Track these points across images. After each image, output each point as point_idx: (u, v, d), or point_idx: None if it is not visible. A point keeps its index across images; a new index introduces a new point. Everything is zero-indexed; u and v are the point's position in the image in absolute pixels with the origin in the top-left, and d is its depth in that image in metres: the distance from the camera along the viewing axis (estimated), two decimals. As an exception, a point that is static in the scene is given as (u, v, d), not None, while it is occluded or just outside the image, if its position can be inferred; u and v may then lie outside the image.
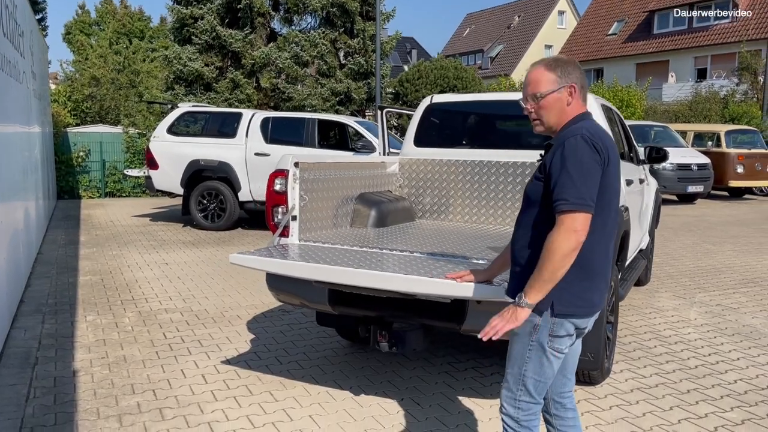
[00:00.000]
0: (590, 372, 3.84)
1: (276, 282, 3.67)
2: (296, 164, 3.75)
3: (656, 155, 5.95)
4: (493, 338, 2.21)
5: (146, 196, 15.23)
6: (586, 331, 2.37)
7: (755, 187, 17.32)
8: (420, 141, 5.11)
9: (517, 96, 5.35)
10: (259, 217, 11.37)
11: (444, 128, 5.25)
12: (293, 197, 3.74)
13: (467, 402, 3.74)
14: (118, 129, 15.63)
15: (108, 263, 7.52)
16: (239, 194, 9.91)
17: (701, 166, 15.01)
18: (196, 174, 10.07)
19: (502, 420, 2.39)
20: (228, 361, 4.36)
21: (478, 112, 5.24)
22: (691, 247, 9.25)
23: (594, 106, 4.64)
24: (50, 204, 11.74)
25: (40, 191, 9.16)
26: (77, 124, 17.07)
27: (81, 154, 14.70)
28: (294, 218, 3.76)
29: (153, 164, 10.24)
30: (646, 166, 6.40)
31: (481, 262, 3.28)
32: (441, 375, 4.15)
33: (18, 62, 6.69)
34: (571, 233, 2.08)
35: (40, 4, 29.65)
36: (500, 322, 2.21)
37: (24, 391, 3.79)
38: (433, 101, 5.16)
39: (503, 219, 4.76)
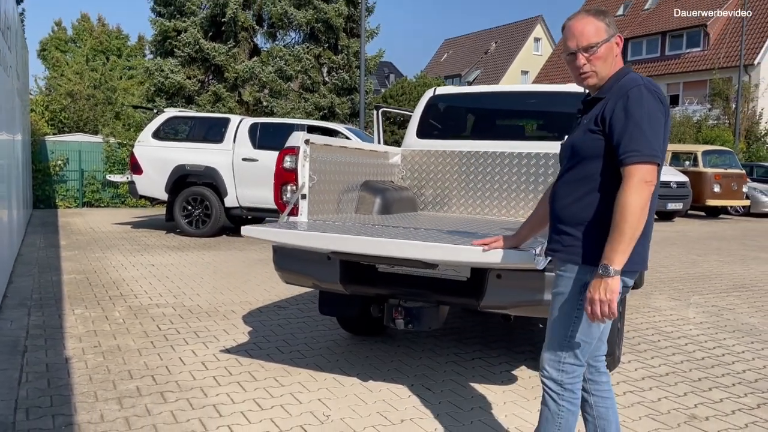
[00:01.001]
0: (603, 357, 3.77)
1: (285, 261, 3.56)
2: (306, 141, 3.66)
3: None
4: (609, 318, 2.07)
5: (126, 207, 14.94)
6: (629, 290, 2.31)
7: (731, 207, 17.64)
8: (422, 133, 5.06)
9: (517, 89, 5.38)
10: (244, 223, 11.20)
11: (446, 120, 5.21)
12: (303, 175, 3.65)
13: (479, 387, 3.64)
14: (98, 138, 15.35)
15: (92, 264, 7.29)
16: (225, 200, 9.74)
17: (680, 184, 15.25)
18: (182, 179, 9.88)
19: (544, 384, 2.30)
20: (228, 350, 4.20)
21: (481, 104, 5.22)
22: (677, 257, 9.33)
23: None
24: (27, 212, 11.41)
25: (21, 193, 8.89)
26: (54, 134, 16.74)
27: (59, 162, 14.38)
28: (303, 197, 3.66)
29: (137, 169, 10.03)
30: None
31: (508, 232, 3.21)
32: (449, 364, 4.05)
33: (6, 55, 6.53)
34: (644, 185, 2.00)
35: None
36: (600, 302, 2.03)
37: (15, 375, 3.59)
38: (436, 93, 5.13)
39: (507, 210, 4.72)
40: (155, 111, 10.99)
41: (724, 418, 3.29)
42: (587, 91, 2.34)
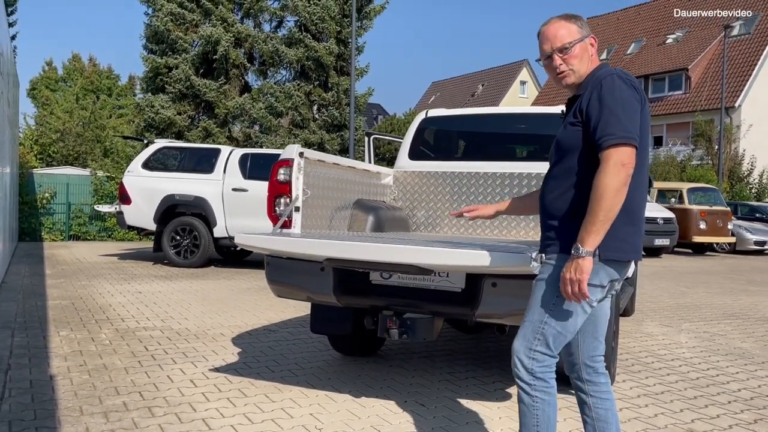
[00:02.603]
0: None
1: (278, 274, 3.53)
2: (301, 154, 3.67)
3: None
4: (579, 298, 2.09)
5: (113, 240, 14.80)
6: (618, 285, 2.30)
7: (716, 244, 17.78)
8: (414, 154, 5.10)
9: (509, 111, 5.45)
10: (232, 255, 11.13)
11: (438, 142, 5.26)
12: (297, 187, 3.65)
13: (473, 404, 3.58)
14: (86, 171, 15.30)
15: (77, 291, 7.18)
16: (214, 230, 9.69)
17: (666, 220, 15.38)
18: (170, 209, 9.83)
19: (516, 378, 2.26)
20: (217, 369, 4.12)
21: (472, 126, 5.28)
22: (666, 288, 9.35)
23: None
24: (12, 245, 11.26)
25: (6, 224, 8.79)
26: (43, 167, 16.67)
27: (46, 195, 14.28)
28: (297, 209, 3.65)
29: (125, 199, 9.98)
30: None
31: (500, 245, 3.21)
32: (442, 383, 3.98)
33: (-2, 79, 6.55)
34: (620, 167, 2.03)
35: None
36: (570, 281, 2.08)
37: (-3, 390, 3.49)
38: (428, 116, 5.19)
39: (499, 230, 4.73)
40: (145, 142, 11.00)
41: (721, 432, 3.26)
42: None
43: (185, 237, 9.80)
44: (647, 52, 36.40)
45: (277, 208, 3.68)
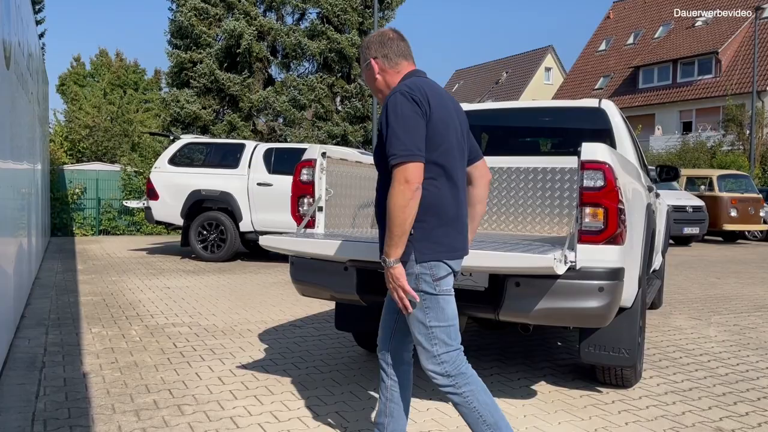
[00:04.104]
0: (624, 370, 3.71)
1: (302, 274, 3.56)
2: (323, 154, 3.69)
3: (667, 175, 5.97)
4: (409, 308, 2.27)
5: (141, 234, 15.06)
6: (458, 275, 2.44)
7: (748, 232, 17.45)
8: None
9: (531, 105, 5.42)
10: (258, 248, 11.24)
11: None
12: (320, 187, 3.67)
13: (498, 402, 3.57)
14: (115, 167, 15.57)
15: (108, 287, 7.33)
16: (240, 224, 9.80)
17: (696, 208, 15.13)
18: (197, 204, 9.97)
19: (438, 386, 2.38)
20: (244, 366, 4.18)
21: (494, 120, 5.25)
22: (696, 279, 9.21)
23: (614, 111, 4.68)
24: (45, 240, 11.53)
25: (40, 220, 9.00)
26: (73, 163, 17.01)
27: (77, 191, 14.57)
28: (320, 209, 3.68)
29: (153, 195, 10.14)
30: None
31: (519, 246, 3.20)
32: (466, 379, 3.99)
33: (28, 81, 6.67)
34: (403, 184, 2.13)
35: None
36: (394, 289, 2.25)
37: (33, 389, 3.59)
38: (451, 111, 5.16)
39: (523, 225, 4.70)
40: (171, 138, 11.14)
41: (750, 431, 3.22)
42: (597, 105, 2.42)
43: (212, 231, 9.94)
44: (676, 35, 35.66)
45: (300, 208, 3.71)
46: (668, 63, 34.18)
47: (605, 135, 4.68)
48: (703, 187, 16.89)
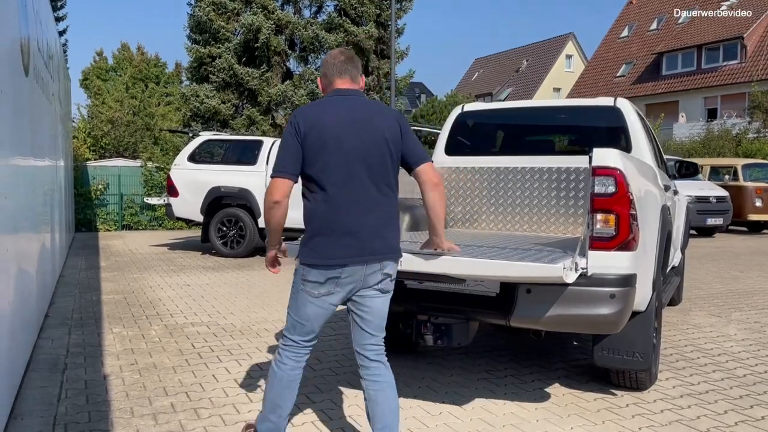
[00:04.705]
0: (639, 374, 3.70)
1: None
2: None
3: (686, 170, 5.90)
4: (273, 271, 2.89)
5: (163, 229, 15.25)
6: (347, 284, 2.58)
7: (774, 222, 17.12)
8: (451, 149, 5.09)
9: (545, 104, 5.39)
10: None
11: (475, 136, 5.22)
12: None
13: (511, 405, 3.60)
14: (137, 163, 15.77)
15: (130, 284, 7.46)
16: (259, 221, 9.87)
17: (720, 199, 14.89)
18: (217, 201, 10.07)
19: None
20: (260, 367, 4.25)
21: (509, 119, 5.22)
22: (717, 273, 9.10)
23: (629, 110, 4.63)
24: (69, 235, 11.75)
25: (63, 217, 9.17)
26: (95, 159, 17.25)
27: (100, 187, 14.80)
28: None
29: (173, 192, 10.26)
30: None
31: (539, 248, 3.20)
32: (480, 381, 4.01)
33: (49, 83, 6.78)
34: (268, 195, 2.56)
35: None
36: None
37: (55, 392, 3.69)
38: (464, 110, 5.15)
39: (538, 225, 4.68)
40: (191, 135, 11.24)
41: (766, 437, 3.19)
42: (612, 104, 2.41)
43: (231, 228, 10.04)
44: (700, 20, 34.95)
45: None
46: (692, 49, 33.54)
47: (621, 133, 4.63)
48: (727, 176, 16.61)
